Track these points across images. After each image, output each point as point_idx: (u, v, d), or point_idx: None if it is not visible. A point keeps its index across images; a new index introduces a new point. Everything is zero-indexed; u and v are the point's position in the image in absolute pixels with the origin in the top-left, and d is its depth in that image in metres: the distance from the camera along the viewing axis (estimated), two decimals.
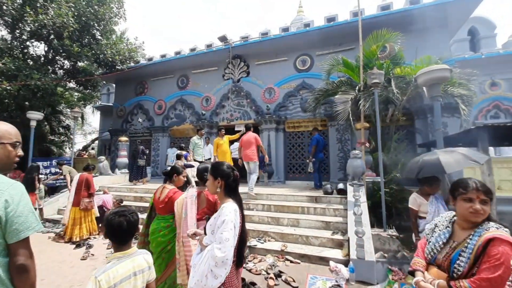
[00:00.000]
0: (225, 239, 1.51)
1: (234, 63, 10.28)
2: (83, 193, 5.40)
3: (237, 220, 1.62)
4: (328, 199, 5.97)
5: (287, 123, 9.37)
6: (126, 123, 12.59)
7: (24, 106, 10.21)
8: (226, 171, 1.78)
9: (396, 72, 6.15)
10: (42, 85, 8.41)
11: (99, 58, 10.25)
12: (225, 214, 1.58)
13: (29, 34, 8.96)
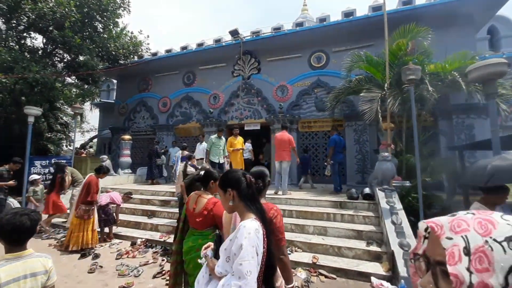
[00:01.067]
0: (247, 272, 1.13)
1: (244, 59, 9.80)
2: (82, 197, 4.78)
3: (260, 243, 1.22)
4: (354, 204, 5.53)
5: (301, 122, 8.92)
6: (129, 120, 12.03)
7: (20, 101, 9.62)
8: (235, 177, 1.41)
9: (430, 69, 5.72)
10: (41, 78, 7.84)
11: (101, 52, 9.70)
12: (243, 237, 1.19)
13: (26, 24, 8.38)
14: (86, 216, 4.72)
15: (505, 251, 0.47)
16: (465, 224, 0.52)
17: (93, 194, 4.77)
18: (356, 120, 8.08)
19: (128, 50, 10.06)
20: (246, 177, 1.42)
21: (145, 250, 4.81)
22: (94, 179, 4.89)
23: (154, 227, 5.81)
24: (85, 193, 4.77)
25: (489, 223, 0.51)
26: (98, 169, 5.11)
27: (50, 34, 8.37)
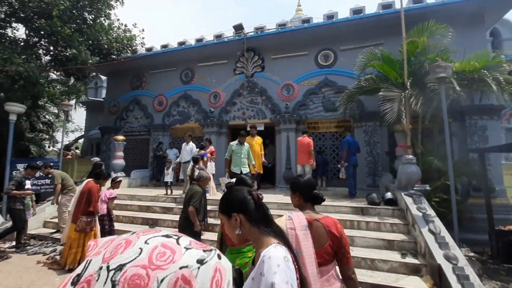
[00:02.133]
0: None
1: (247, 56, 9.33)
2: (82, 208, 4.13)
3: (292, 274, 0.92)
4: (377, 211, 5.19)
5: (307, 123, 8.54)
6: (120, 120, 11.24)
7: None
8: (238, 197, 1.11)
9: (455, 67, 5.47)
10: (25, 72, 7.04)
11: (92, 45, 8.93)
12: (272, 272, 0.87)
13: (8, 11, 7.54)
14: (89, 228, 4.09)
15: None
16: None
17: (95, 203, 4.15)
18: (366, 121, 7.80)
19: (122, 44, 9.33)
20: (253, 194, 1.11)
21: None
22: (95, 186, 4.26)
23: None
24: (85, 202, 4.12)
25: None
26: (98, 174, 4.46)
27: (35, 23, 7.55)
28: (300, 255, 1.29)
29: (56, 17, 7.26)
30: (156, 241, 0.53)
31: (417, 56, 6.11)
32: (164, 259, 0.50)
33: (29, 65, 7.02)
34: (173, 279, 0.48)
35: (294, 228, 1.37)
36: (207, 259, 0.55)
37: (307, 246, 1.34)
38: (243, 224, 1.06)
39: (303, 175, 1.68)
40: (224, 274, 0.58)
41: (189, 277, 0.50)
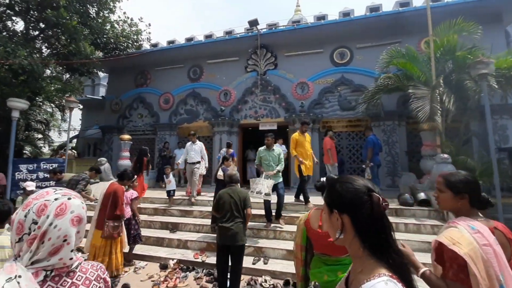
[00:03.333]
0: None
1: (260, 54, 9.06)
2: (108, 212, 3.77)
3: None
4: (411, 212, 5.03)
5: (323, 122, 8.35)
6: (123, 118, 10.75)
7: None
8: (350, 191, 0.79)
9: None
10: (29, 65, 6.54)
11: (98, 39, 8.45)
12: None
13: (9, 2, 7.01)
14: (116, 234, 3.72)
15: None
16: None
17: (121, 206, 3.79)
18: (385, 120, 7.67)
19: (129, 38, 8.88)
20: (372, 196, 0.77)
21: (185, 275, 3.91)
22: (120, 188, 3.91)
23: (182, 244, 4.89)
24: (111, 205, 3.76)
25: None
26: (121, 175, 4.12)
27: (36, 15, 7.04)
28: (506, 279, 1.04)
29: (63, 7, 6.78)
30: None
31: (444, 54, 5.99)
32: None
33: (33, 59, 6.51)
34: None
35: (489, 244, 1.11)
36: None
37: (507, 265, 1.09)
38: (346, 229, 0.79)
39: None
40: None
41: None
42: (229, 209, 3.34)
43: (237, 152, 9.08)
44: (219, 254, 3.37)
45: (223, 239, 3.30)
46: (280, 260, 4.25)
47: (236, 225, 3.30)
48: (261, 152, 5.00)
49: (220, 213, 3.39)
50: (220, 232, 3.32)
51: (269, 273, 3.92)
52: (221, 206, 3.39)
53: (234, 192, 3.47)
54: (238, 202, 3.39)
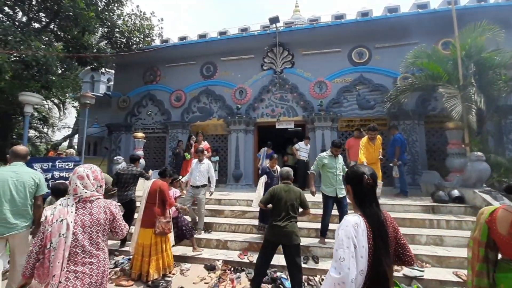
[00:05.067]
0: (339, 258, 1.24)
1: (276, 52, 8.98)
2: (157, 209, 3.66)
3: (358, 238, 1.28)
4: (448, 209, 5.09)
5: (341, 121, 8.37)
6: (131, 116, 10.37)
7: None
8: (355, 173, 1.48)
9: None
10: (43, 57, 6.15)
11: (110, 33, 8.10)
12: (341, 228, 1.33)
13: None
14: (168, 230, 3.66)
15: None
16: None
17: (170, 201, 3.78)
18: (405, 119, 7.77)
19: (142, 33, 8.56)
20: (364, 177, 1.42)
21: (238, 276, 3.76)
22: (165, 184, 3.86)
23: (222, 244, 4.73)
24: (160, 202, 3.69)
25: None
26: (162, 172, 4.05)
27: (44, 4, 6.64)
28: None
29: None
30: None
31: (469, 55, 6.14)
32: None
33: (48, 51, 6.14)
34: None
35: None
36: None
37: None
38: (350, 194, 1.49)
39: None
40: None
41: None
42: (285, 208, 3.25)
43: (253, 152, 8.97)
44: (266, 249, 3.29)
45: (277, 237, 3.22)
46: (329, 259, 4.18)
47: (291, 224, 3.22)
48: (326, 158, 4.31)
49: (273, 210, 3.30)
50: (273, 230, 3.23)
51: (323, 272, 3.84)
52: (276, 203, 3.29)
53: (290, 190, 3.39)
54: (294, 200, 3.31)
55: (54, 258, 1.56)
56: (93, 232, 1.69)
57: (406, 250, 1.46)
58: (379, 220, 1.34)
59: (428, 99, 7.79)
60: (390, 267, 1.34)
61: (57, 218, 1.62)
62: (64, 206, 1.69)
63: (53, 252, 1.56)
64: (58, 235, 1.60)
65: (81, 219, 1.66)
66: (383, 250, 1.30)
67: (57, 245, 1.57)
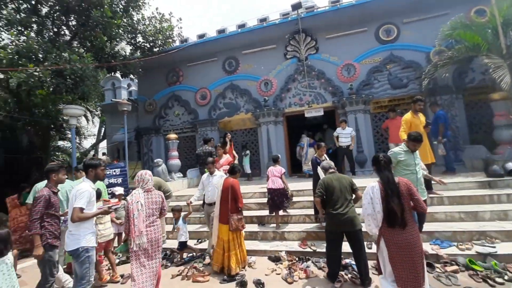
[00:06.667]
0: (363, 204, 2.59)
1: (299, 39, 8.81)
2: (231, 206, 3.79)
3: (374, 193, 2.49)
4: (505, 183, 4.94)
5: (373, 103, 8.18)
6: (159, 118, 10.57)
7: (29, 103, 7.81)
8: (375, 157, 2.71)
9: None
10: (80, 70, 6.32)
11: (135, 38, 8.18)
12: (365, 191, 2.59)
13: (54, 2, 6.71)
14: (241, 226, 3.83)
15: None
16: None
17: (241, 199, 3.89)
18: (442, 94, 7.51)
19: (164, 35, 8.60)
20: (379, 157, 2.66)
21: (307, 265, 3.84)
22: (236, 182, 3.96)
23: (279, 236, 4.82)
24: (232, 200, 3.81)
25: None
26: (232, 169, 4.15)
27: (82, 15, 6.76)
28: None
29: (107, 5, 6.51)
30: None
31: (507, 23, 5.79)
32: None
33: (84, 63, 6.29)
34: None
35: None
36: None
37: None
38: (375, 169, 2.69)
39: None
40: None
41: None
42: (340, 195, 3.30)
43: (284, 142, 8.97)
44: (333, 241, 3.34)
45: (339, 226, 3.26)
46: None
47: (351, 210, 3.27)
48: (399, 153, 3.54)
49: (329, 200, 3.33)
50: (333, 219, 3.27)
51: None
52: (330, 193, 3.33)
53: (339, 177, 3.47)
54: (347, 186, 3.37)
55: (138, 222, 2.79)
56: (154, 208, 2.95)
57: (419, 203, 2.46)
58: (388, 181, 2.48)
59: (465, 71, 7.47)
60: (397, 205, 2.37)
61: (135, 200, 2.85)
62: (137, 193, 2.91)
63: (136, 220, 2.79)
64: (137, 210, 2.82)
65: (147, 201, 2.91)
66: (390, 197, 2.39)
67: (138, 215, 2.80)
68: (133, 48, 8.49)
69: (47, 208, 2.84)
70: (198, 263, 4.19)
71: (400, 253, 2.35)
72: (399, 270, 2.36)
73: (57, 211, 2.96)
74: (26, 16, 6.69)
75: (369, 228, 2.56)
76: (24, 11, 7.03)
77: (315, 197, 3.44)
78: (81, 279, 2.69)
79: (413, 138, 3.50)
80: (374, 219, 2.48)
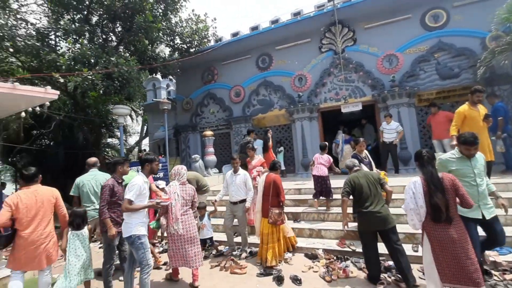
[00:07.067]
0: (405, 199, 2.52)
1: (335, 31, 8.47)
2: (271, 200, 3.93)
3: (416, 188, 2.46)
4: None
5: (418, 95, 7.57)
6: (196, 116, 11.00)
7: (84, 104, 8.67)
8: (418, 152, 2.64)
9: None
10: (126, 73, 6.83)
11: (173, 40, 8.60)
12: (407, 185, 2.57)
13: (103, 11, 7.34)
14: (280, 221, 3.89)
15: None
16: None
17: (283, 194, 4.01)
18: (500, 84, 6.67)
19: (201, 36, 8.91)
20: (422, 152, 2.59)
21: (345, 265, 3.70)
22: (278, 177, 4.11)
23: (315, 233, 4.72)
24: (273, 194, 3.94)
25: None
26: (273, 166, 4.28)
27: (126, 21, 7.31)
28: None
29: (148, 10, 6.93)
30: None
31: None
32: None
33: (130, 65, 6.78)
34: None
35: None
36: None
37: None
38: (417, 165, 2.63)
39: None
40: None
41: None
42: (369, 193, 3.15)
43: (319, 139, 8.73)
44: (369, 241, 3.18)
45: (372, 225, 3.10)
46: None
47: (383, 208, 3.11)
48: (450, 161, 2.79)
49: (358, 198, 3.19)
50: (366, 218, 3.12)
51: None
52: (358, 191, 3.18)
53: (365, 174, 3.33)
54: (374, 183, 3.22)
55: (175, 210, 3.33)
56: (188, 199, 3.45)
57: (464, 198, 2.36)
58: (432, 176, 2.43)
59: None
60: (441, 200, 2.33)
61: (172, 191, 3.40)
62: (174, 185, 3.48)
63: (174, 208, 3.33)
64: (174, 200, 3.34)
65: (182, 192, 3.43)
66: (434, 193, 2.35)
67: (175, 204, 3.34)
68: (171, 49, 8.93)
69: (111, 196, 3.20)
70: (235, 256, 4.29)
71: (443, 249, 2.33)
72: (443, 266, 2.34)
73: (120, 200, 3.25)
74: (80, 26, 7.41)
75: (411, 223, 2.50)
76: (78, 21, 7.79)
77: (342, 196, 3.28)
78: (140, 263, 2.92)
79: (463, 140, 2.68)
80: (417, 214, 2.43)
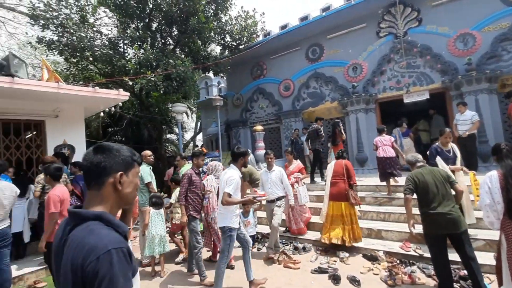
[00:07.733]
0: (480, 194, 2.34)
1: (395, 12, 7.67)
2: (347, 184, 4.21)
3: (492, 183, 2.23)
4: None
5: (501, 80, 6.41)
6: (246, 111, 11.25)
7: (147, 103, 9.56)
8: (496, 145, 2.46)
9: None
10: (183, 73, 7.31)
11: (223, 38, 8.87)
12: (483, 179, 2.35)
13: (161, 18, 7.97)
14: (357, 201, 4.17)
15: None
16: None
17: (354, 177, 4.29)
18: None
19: (250, 32, 9.01)
20: (500, 145, 2.39)
21: (412, 270, 3.38)
22: (349, 163, 4.44)
23: (374, 233, 4.43)
24: (347, 178, 4.25)
25: None
26: (342, 154, 4.61)
27: (182, 24, 7.80)
28: None
29: (201, 12, 7.26)
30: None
31: None
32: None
33: (186, 66, 7.22)
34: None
35: None
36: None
37: None
38: (495, 160, 2.47)
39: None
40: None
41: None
42: (436, 191, 2.73)
43: (377, 132, 8.08)
44: (437, 246, 2.76)
45: (440, 228, 2.69)
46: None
47: (454, 209, 2.69)
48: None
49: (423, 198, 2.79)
50: (433, 220, 2.72)
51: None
52: (423, 190, 2.77)
53: (431, 171, 2.88)
54: (443, 181, 2.78)
55: (212, 201, 3.75)
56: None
57: None
58: (511, 170, 2.16)
59: None
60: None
61: (209, 184, 3.80)
62: (211, 179, 3.85)
63: (211, 199, 3.76)
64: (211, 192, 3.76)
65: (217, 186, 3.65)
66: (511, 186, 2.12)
67: (212, 196, 3.77)
68: (222, 48, 9.22)
69: (189, 185, 3.60)
70: (288, 250, 4.29)
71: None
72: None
73: (197, 189, 3.68)
74: (143, 33, 8.17)
75: (487, 220, 2.32)
76: (141, 28, 8.60)
77: (405, 194, 2.91)
78: (222, 252, 3.11)
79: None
80: (494, 211, 2.23)
